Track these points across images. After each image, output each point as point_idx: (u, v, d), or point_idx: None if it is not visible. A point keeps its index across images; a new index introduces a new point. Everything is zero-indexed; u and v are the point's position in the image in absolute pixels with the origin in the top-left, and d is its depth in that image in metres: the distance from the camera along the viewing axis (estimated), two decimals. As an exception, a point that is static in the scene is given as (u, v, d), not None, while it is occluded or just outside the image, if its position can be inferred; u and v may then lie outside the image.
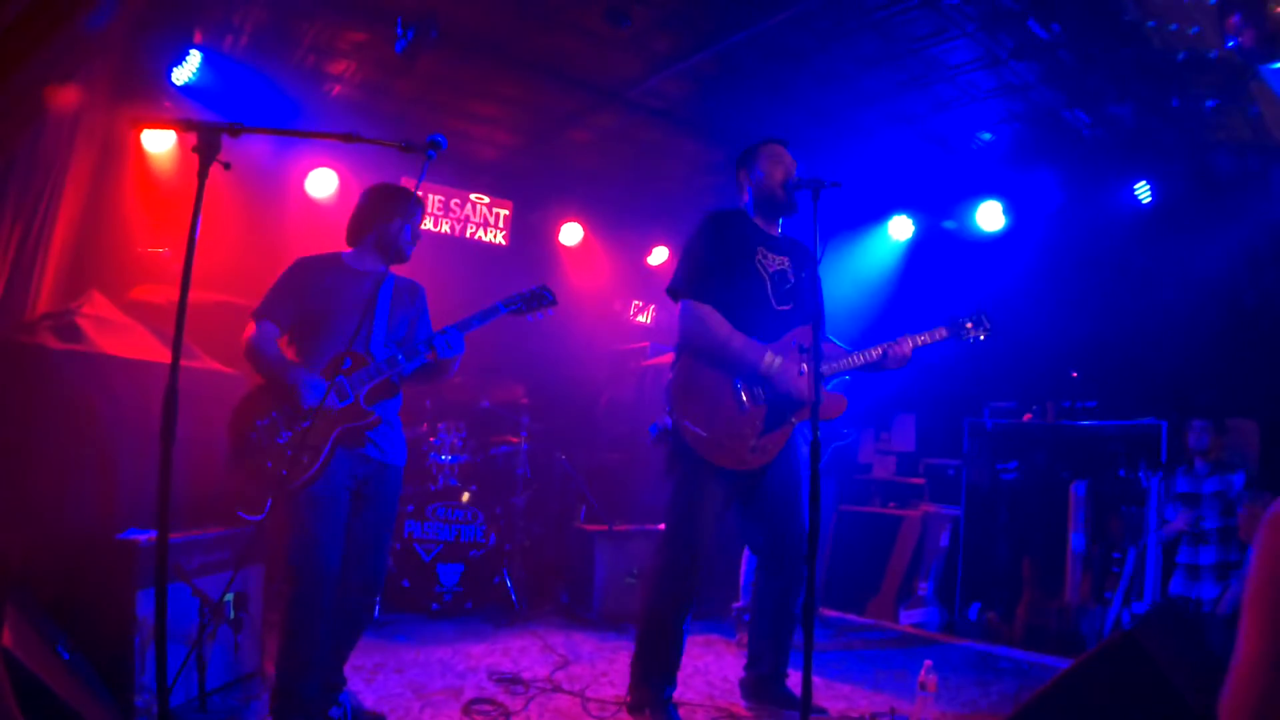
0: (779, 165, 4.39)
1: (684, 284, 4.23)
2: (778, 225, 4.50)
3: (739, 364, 4.12)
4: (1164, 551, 6.17)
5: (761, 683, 4.53)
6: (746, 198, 4.49)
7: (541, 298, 4.16)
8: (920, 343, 4.36)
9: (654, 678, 4.21)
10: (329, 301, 3.87)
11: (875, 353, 4.30)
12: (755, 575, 4.64)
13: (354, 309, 3.83)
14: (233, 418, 3.76)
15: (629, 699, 4.28)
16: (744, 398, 4.12)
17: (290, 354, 3.89)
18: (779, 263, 4.36)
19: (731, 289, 4.19)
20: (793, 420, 4.20)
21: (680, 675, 5.09)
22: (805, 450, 4.23)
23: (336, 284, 3.91)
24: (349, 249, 4.06)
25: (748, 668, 4.62)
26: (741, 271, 4.25)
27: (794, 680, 4.93)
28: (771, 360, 4.12)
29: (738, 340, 4.12)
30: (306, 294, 3.88)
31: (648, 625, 4.24)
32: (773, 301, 4.28)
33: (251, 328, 3.82)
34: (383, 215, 3.95)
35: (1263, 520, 2.03)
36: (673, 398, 4.19)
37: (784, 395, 4.16)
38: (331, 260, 4.01)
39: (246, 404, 3.79)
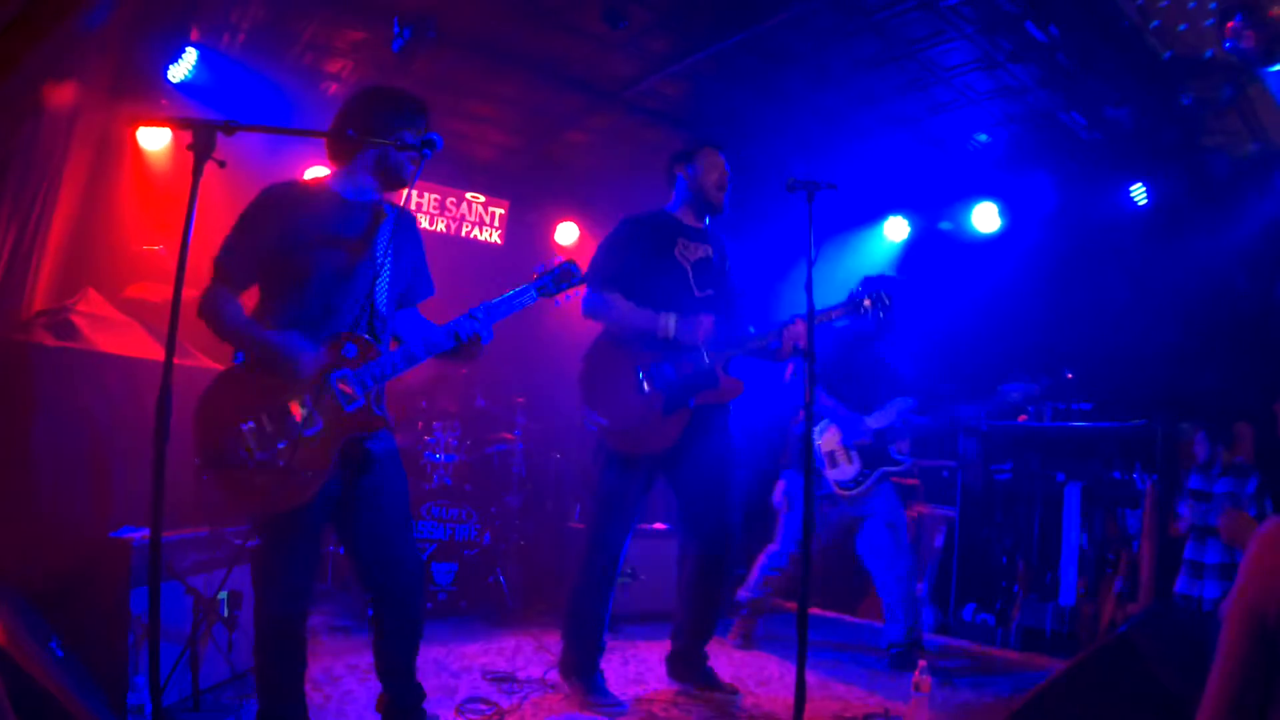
0: (715, 169, 4.62)
1: (590, 277, 4.43)
2: (703, 221, 4.73)
3: (638, 332, 4.36)
4: (1163, 552, 6.17)
5: (678, 658, 4.79)
6: (675, 194, 4.74)
7: (570, 274, 3.63)
8: (817, 322, 4.36)
9: (581, 647, 4.52)
10: (318, 252, 3.19)
11: (770, 336, 4.47)
12: (679, 559, 4.78)
13: (352, 264, 3.22)
14: (203, 415, 3.07)
15: (560, 660, 4.60)
16: (644, 383, 4.32)
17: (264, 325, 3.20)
18: (701, 251, 4.61)
19: (651, 280, 4.44)
20: (691, 405, 4.37)
21: (653, 660, 5.21)
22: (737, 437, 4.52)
23: (327, 226, 3.23)
24: (334, 168, 3.38)
25: (671, 640, 4.86)
26: (661, 264, 4.49)
27: (781, 673, 4.93)
28: (665, 320, 4.32)
29: (633, 312, 4.38)
30: (283, 238, 3.16)
31: (572, 606, 4.55)
32: (694, 289, 4.52)
33: (207, 290, 3.16)
34: (389, 127, 3.28)
35: (1255, 535, 2.04)
36: (580, 388, 4.46)
37: (687, 357, 4.36)
38: (317, 191, 3.32)
39: (218, 399, 3.10)
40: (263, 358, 3.10)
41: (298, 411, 3.09)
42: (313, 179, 3.40)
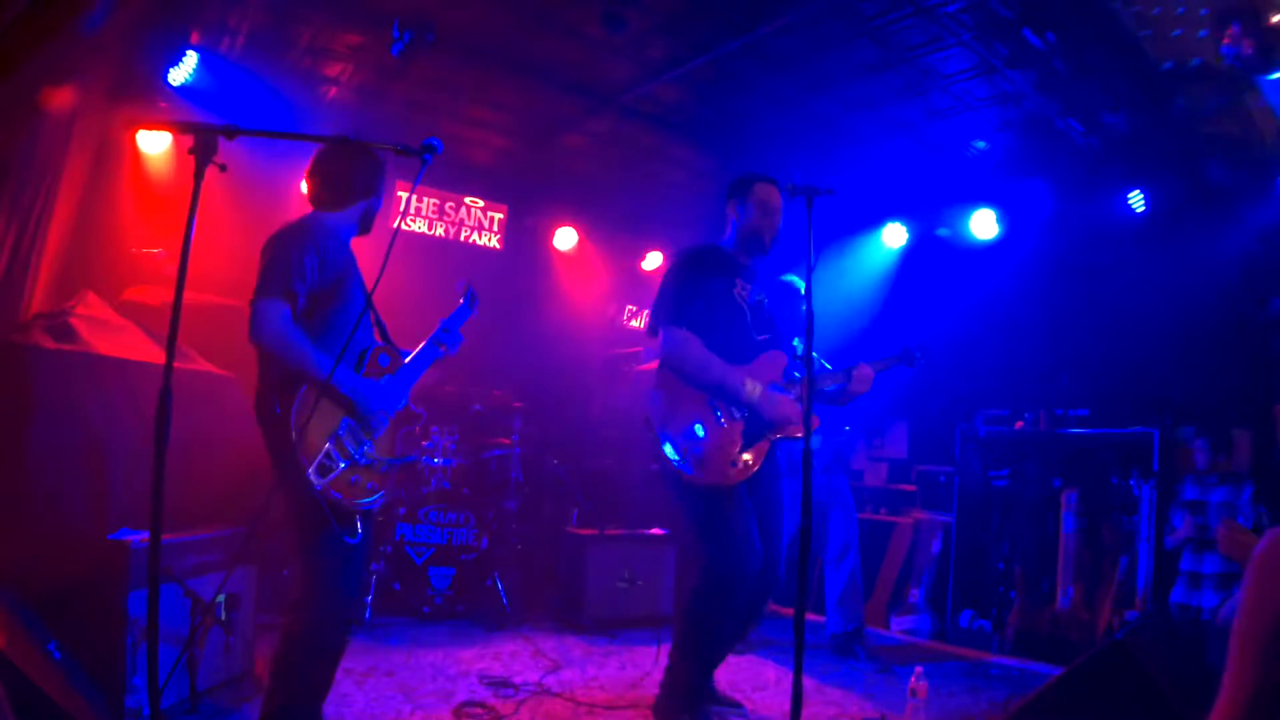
0: (767, 210, 4.44)
1: (664, 313, 4.27)
2: (751, 260, 4.57)
3: (719, 392, 4.18)
4: (1160, 560, 6.17)
5: None
6: (729, 230, 4.55)
7: (475, 296, 4.04)
8: (878, 368, 4.63)
9: (699, 683, 4.28)
10: (346, 282, 3.47)
11: (839, 376, 4.51)
12: None
13: (362, 290, 3.54)
14: (301, 431, 3.20)
15: (661, 700, 4.27)
16: (720, 415, 4.18)
17: None
18: (754, 292, 4.47)
19: (713, 320, 4.26)
20: (769, 436, 4.27)
21: (648, 665, 5.20)
22: (785, 469, 4.37)
23: (346, 260, 3.50)
24: (327, 210, 3.59)
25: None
26: (722, 303, 4.33)
27: (777, 678, 4.93)
28: (753, 388, 4.18)
29: (718, 367, 4.17)
30: (326, 269, 3.38)
31: (700, 640, 4.21)
32: (752, 331, 4.38)
33: (269, 314, 3.23)
34: (377, 187, 3.66)
35: (1253, 556, 2.04)
36: (654, 420, 4.24)
37: (765, 419, 4.23)
38: (322, 227, 3.51)
39: (307, 409, 3.22)
40: (343, 399, 3.37)
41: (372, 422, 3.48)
42: (314, 217, 3.55)
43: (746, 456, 4.19)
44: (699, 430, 4.16)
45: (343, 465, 3.32)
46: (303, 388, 3.25)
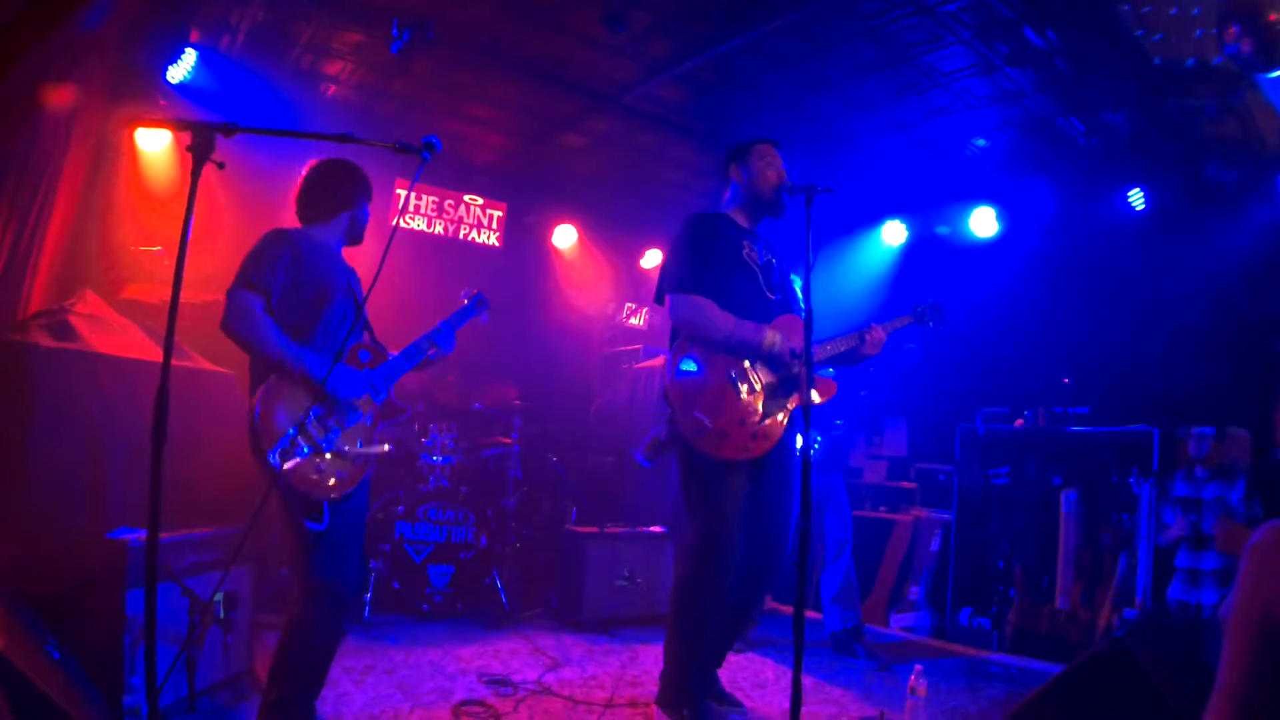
0: (770, 167, 4.40)
1: (673, 280, 4.22)
2: (757, 224, 4.52)
3: (740, 346, 4.11)
4: (1158, 558, 6.17)
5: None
6: (730, 194, 4.52)
7: (484, 301, 4.22)
8: (890, 329, 4.59)
9: (697, 673, 4.21)
10: (326, 283, 3.60)
11: (853, 339, 4.43)
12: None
13: (346, 293, 3.68)
14: (266, 415, 3.33)
15: (662, 695, 4.20)
16: (741, 386, 4.10)
17: None
18: (765, 255, 4.42)
19: (727, 282, 4.20)
20: (789, 405, 4.19)
21: (649, 663, 5.12)
22: (797, 449, 4.30)
23: (328, 264, 3.66)
24: (313, 224, 3.77)
25: None
26: (733, 265, 4.27)
27: (777, 677, 4.93)
28: (772, 337, 4.12)
29: (732, 322, 4.10)
30: (302, 270, 3.54)
31: (691, 628, 4.14)
32: (765, 291, 4.32)
33: (240, 304, 3.41)
34: (358, 198, 3.81)
35: (1246, 548, 2.04)
36: (673, 393, 4.14)
37: (782, 378, 4.18)
38: (305, 236, 3.68)
39: (277, 401, 3.37)
40: (312, 386, 3.44)
41: (344, 405, 3.56)
42: (299, 230, 3.74)
43: (767, 427, 4.12)
44: (721, 402, 4.07)
45: (306, 451, 3.38)
46: (272, 375, 3.39)
